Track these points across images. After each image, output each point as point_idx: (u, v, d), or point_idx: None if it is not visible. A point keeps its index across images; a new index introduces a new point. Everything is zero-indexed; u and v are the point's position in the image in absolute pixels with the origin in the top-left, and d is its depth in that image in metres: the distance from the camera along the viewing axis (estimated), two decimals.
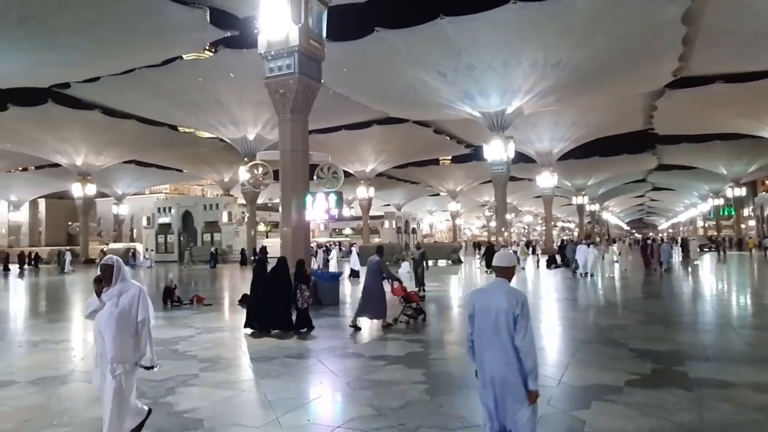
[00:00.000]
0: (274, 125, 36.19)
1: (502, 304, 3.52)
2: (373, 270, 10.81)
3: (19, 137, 40.18)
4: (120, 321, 4.26)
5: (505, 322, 3.50)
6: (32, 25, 21.31)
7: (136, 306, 4.34)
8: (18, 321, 13.64)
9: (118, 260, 4.47)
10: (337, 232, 71.30)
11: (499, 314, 3.51)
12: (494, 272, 3.81)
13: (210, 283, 23.86)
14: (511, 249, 35.30)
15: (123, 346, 4.25)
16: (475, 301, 3.72)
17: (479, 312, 3.64)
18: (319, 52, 14.98)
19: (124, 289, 4.38)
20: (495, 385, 3.55)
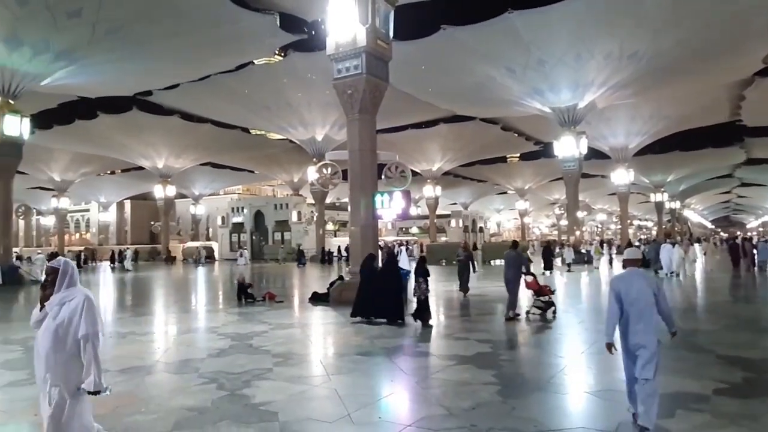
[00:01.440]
0: (341, 126, 36.82)
1: (642, 284, 4.84)
2: (511, 263, 11.32)
3: (107, 143, 43.16)
4: (57, 336, 3.53)
5: (647, 297, 4.78)
6: (119, 37, 22.76)
7: (78, 318, 3.56)
8: (106, 314, 14.61)
9: (67, 263, 3.75)
10: (403, 231, 71.49)
11: (640, 292, 4.79)
12: (626, 264, 5.13)
13: (280, 281, 24.56)
14: (584, 248, 34.04)
15: (60, 367, 3.53)
16: (619, 286, 4.90)
17: (624, 294, 4.83)
18: (386, 51, 15.06)
19: (66, 297, 3.64)
20: (635, 344, 4.81)
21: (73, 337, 3.58)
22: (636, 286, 4.82)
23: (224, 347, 8.83)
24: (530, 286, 11.48)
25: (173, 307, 15.68)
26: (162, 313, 14.41)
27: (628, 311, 4.81)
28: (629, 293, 4.81)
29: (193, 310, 14.90)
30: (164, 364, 7.90)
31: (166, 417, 5.34)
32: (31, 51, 22.27)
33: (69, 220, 70.32)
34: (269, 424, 5.13)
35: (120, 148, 44.74)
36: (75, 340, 3.58)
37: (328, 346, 9.52)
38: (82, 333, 3.56)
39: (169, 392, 6.31)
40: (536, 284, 11.54)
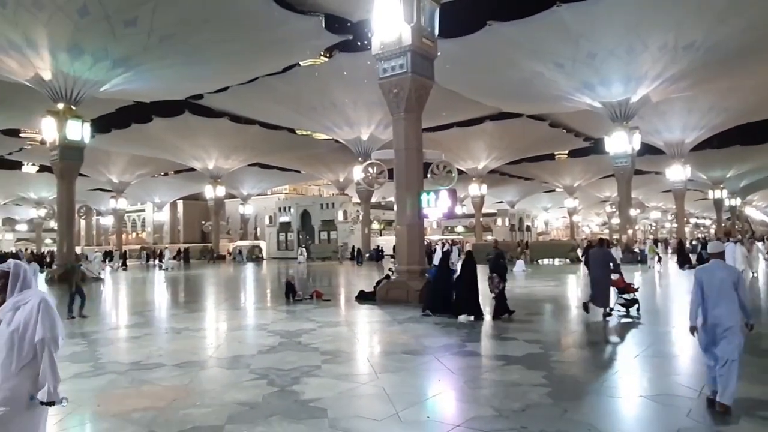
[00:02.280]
0: (387, 125, 36.93)
1: (724, 275, 5.33)
2: (599, 261, 11.36)
3: (161, 145, 44.85)
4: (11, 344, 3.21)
5: (727, 286, 5.23)
6: (172, 44, 23.58)
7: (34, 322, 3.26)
8: (162, 310, 15.16)
9: (18, 265, 3.43)
10: (449, 229, 71.06)
11: (722, 281, 5.26)
12: (710, 257, 5.65)
13: (327, 280, 24.86)
14: (638, 248, 32.93)
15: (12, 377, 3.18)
16: (702, 275, 5.43)
17: (707, 282, 5.32)
18: (432, 49, 15.00)
19: (21, 301, 3.32)
20: (717, 328, 5.21)
21: (29, 343, 3.25)
22: (718, 275, 5.32)
23: (274, 344, 9.01)
24: (616, 284, 11.55)
25: (224, 304, 16.11)
26: (213, 310, 14.83)
27: (709, 298, 5.27)
28: (711, 282, 5.29)
29: (242, 308, 15.26)
30: (217, 359, 8.12)
31: (219, 411, 5.50)
32: (91, 59, 23.36)
33: (126, 219, 73.40)
34: (319, 420, 5.20)
35: (173, 150, 46.39)
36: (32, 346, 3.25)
37: (375, 345, 9.57)
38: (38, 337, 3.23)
39: (222, 387, 6.49)
40: (622, 282, 11.60)
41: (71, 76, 23.95)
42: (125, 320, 13.09)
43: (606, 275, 11.17)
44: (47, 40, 21.82)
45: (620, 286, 11.53)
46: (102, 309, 16.08)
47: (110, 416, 5.44)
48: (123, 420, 5.30)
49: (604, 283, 11.14)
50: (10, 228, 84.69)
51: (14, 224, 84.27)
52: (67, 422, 5.39)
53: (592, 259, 11.72)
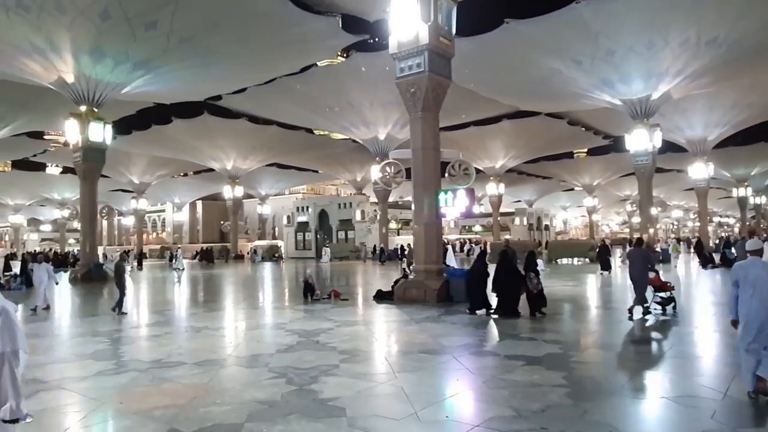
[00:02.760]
0: (404, 124, 36.89)
1: (759, 270, 5.48)
2: (639, 260, 11.38)
3: (180, 146, 45.39)
4: None
5: (762, 283, 5.36)
6: (191, 46, 23.83)
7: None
8: (181, 309, 15.34)
9: None
10: (466, 229, 70.78)
11: (756, 278, 5.41)
12: (750, 254, 5.77)
13: (345, 279, 24.91)
14: (660, 247, 32.43)
15: None
16: (739, 272, 5.65)
17: (742, 278, 5.53)
18: (449, 48, 14.95)
19: None
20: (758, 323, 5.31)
21: None
22: (754, 271, 5.49)
23: (292, 343, 9.06)
24: (652, 282, 11.58)
25: (242, 303, 16.25)
26: (232, 310, 14.96)
27: (745, 293, 5.46)
28: (747, 277, 5.49)
29: (261, 307, 15.36)
30: (236, 358, 8.19)
31: (239, 409, 5.54)
32: (112, 62, 23.72)
33: (146, 220, 74.41)
34: (337, 419, 5.21)
35: (192, 151, 46.90)
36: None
37: (392, 344, 9.57)
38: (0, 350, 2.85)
39: (242, 385, 6.54)
40: (658, 280, 11.69)
41: (93, 79, 24.34)
42: (146, 319, 13.27)
43: (645, 275, 11.25)
44: (70, 43, 22.20)
45: (657, 284, 11.62)
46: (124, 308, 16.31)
47: (132, 413, 5.52)
48: (144, 417, 5.37)
49: (642, 282, 11.22)
50: (35, 228, 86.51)
51: (39, 224, 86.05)
52: (90, 419, 5.49)
53: (632, 258, 11.79)
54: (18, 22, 20.68)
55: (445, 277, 14.44)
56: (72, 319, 14.01)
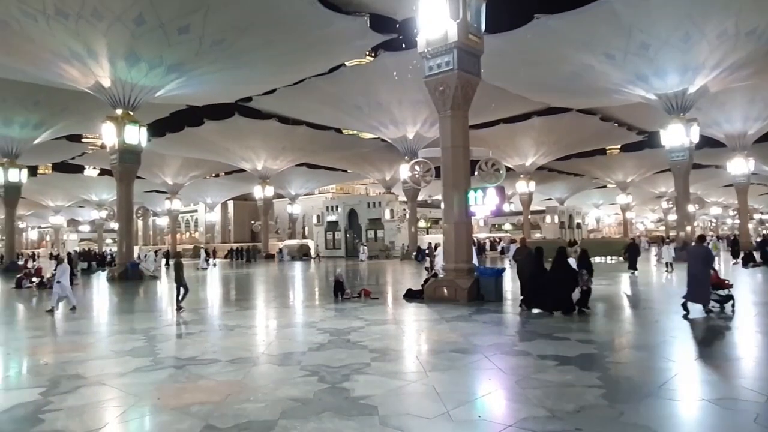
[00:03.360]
0: (432, 123, 36.78)
1: None
2: (700, 258, 11.28)
3: (212, 147, 46.23)
4: None
5: None
6: (222, 49, 24.24)
7: None
8: (214, 308, 15.61)
9: None
10: (496, 227, 70.13)
11: None
12: None
13: (375, 278, 24.96)
14: None
15: None
16: None
17: None
18: (478, 46, 14.83)
19: None
20: None
21: None
22: None
23: (323, 342, 9.13)
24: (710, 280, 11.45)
25: (274, 302, 16.43)
26: (264, 308, 15.16)
27: None
28: None
29: (292, 306, 15.52)
30: (268, 356, 8.30)
31: (272, 406, 5.62)
32: (147, 66, 24.30)
33: (180, 220, 75.99)
34: (369, 417, 5.23)
35: (223, 152, 47.71)
36: None
37: (423, 343, 9.55)
38: None
39: (275, 383, 6.62)
40: (716, 277, 11.62)
41: (129, 83, 24.98)
42: (179, 317, 13.54)
43: (706, 272, 11.11)
44: (106, 49, 22.83)
45: (715, 281, 11.50)
46: (159, 305, 16.72)
47: (169, 409, 5.65)
48: (181, 413, 5.49)
49: (704, 279, 11.06)
50: (74, 229, 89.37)
51: (78, 225, 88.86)
52: (129, 414, 5.64)
53: (692, 255, 11.62)
54: (57, 29, 21.36)
55: (475, 276, 14.34)
56: (110, 316, 14.40)
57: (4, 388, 7.16)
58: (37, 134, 35.03)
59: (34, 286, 21.95)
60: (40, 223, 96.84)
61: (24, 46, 22.42)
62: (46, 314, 13.74)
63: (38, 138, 35.51)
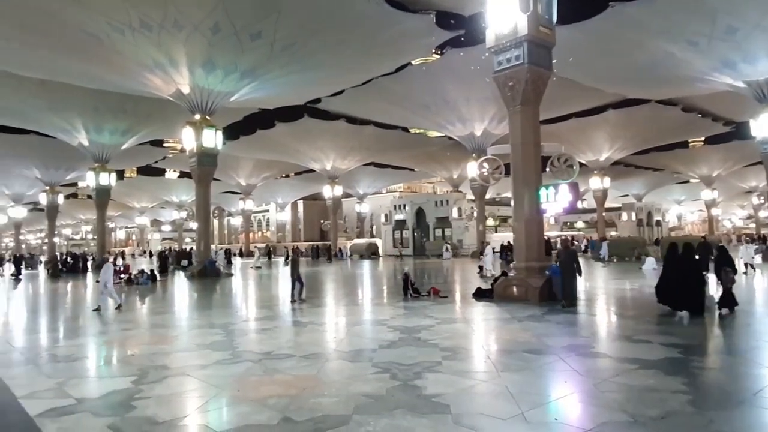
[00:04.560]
0: (500, 120, 36.09)
1: None
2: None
3: (283, 149, 47.67)
4: None
5: None
6: (292, 52, 24.90)
7: None
8: (286, 305, 16.05)
9: None
10: (568, 225, 67.86)
11: None
12: None
13: (443, 276, 24.83)
14: None
15: None
16: None
17: None
18: (549, 38, 14.40)
19: None
20: None
21: None
22: None
23: (394, 339, 9.19)
24: None
25: (344, 300, 16.71)
26: (334, 306, 15.45)
27: None
28: None
29: (361, 303, 15.71)
30: (340, 352, 8.45)
31: (346, 401, 5.72)
32: (222, 72, 25.38)
33: (252, 219, 78.86)
34: (442, 416, 5.22)
35: (294, 153, 49.07)
36: None
37: (495, 343, 9.39)
38: None
39: (347, 378, 6.74)
40: None
41: (206, 89, 26.19)
42: (255, 313, 14.05)
43: None
44: (185, 57, 24.05)
45: None
46: (234, 302, 17.44)
47: (248, 401, 5.88)
48: (260, 405, 5.70)
49: None
50: (156, 228, 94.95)
51: (160, 225, 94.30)
52: (212, 404, 5.92)
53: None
54: (142, 41, 22.73)
55: (547, 275, 13.95)
56: (190, 311, 15.17)
57: (99, 376, 7.73)
58: (124, 140, 37.48)
59: (123, 282, 23.48)
60: (126, 223, 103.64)
61: (113, 58, 24.00)
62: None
63: (126, 144, 37.97)
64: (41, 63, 25.69)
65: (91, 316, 13.64)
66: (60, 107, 32.61)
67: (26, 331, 12.01)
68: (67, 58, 24.96)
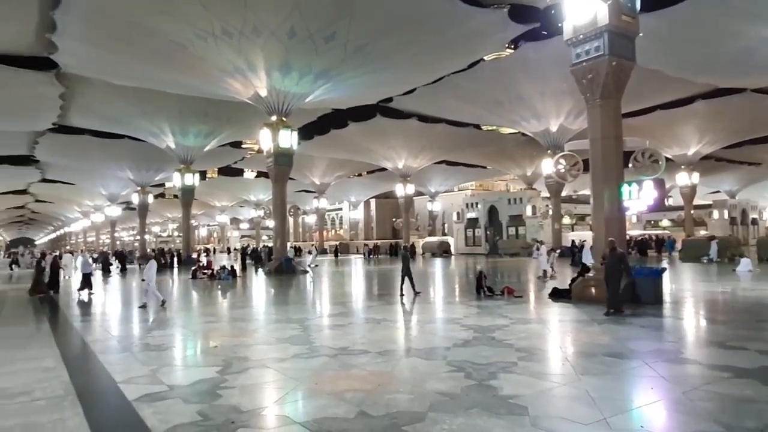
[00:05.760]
0: (577, 114, 34.80)
1: None
2: None
3: (356, 148, 48.39)
4: None
5: None
6: (366, 52, 25.21)
7: None
8: (359, 302, 16.32)
9: None
10: (651, 224, 64.35)
11: None
12: None
13: (516, 276, 24.30)
14: None
15: None
16: None
17: None
18: (632, 27, 13.71)
19: None
20: None
21: None
22: None
23: (468, 338, 9.10)
24: None
25: (416, 298, 16.69)
26: (407, 303, 15.50)
27: None
28: None
29: (433, 301, 15.67)
30: (414, 349, 8.49)
31: (421, 399, 5.73)
32: (298, 75, 26.14)
33: (326, 218, 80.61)
34: (519, 417, 5.12)
35: (366, 152, 49.68)
36: None
37: (573, 345, 9.08)
38: None
39: (421, 376, 6.75)
40: None
41: (282, 92, 27.08)
42: (329, 310, 14.36)
43: None
44: (263, 62, 24.97)
45: None
46: (309, 299, 17.92)
47: (326, 394, 6.03)
48: (337, 398, 5.84)
49: None
50: (236, 227, 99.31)
51: (239, 223, 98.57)
52: (291, 396, 6.13)
53: None
54: (223, 48, 23.82)
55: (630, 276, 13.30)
56: (268, 307, 15.75)
57: (187, 365, 8.20)
58: (207, 142, 39.51)
59: (206, 278, 24.76)
60: (208, 221, 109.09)
61: (197, 64, 25.34)
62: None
63: (208, 146, 40.02)
64: (133, 72, 27.58)
65: (179, 309, 14.47)
66: (150, 113, 34.91)
67: (122, 321, 12.95)
68: (156, 66, 26.63)
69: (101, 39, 23.41)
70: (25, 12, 20.82)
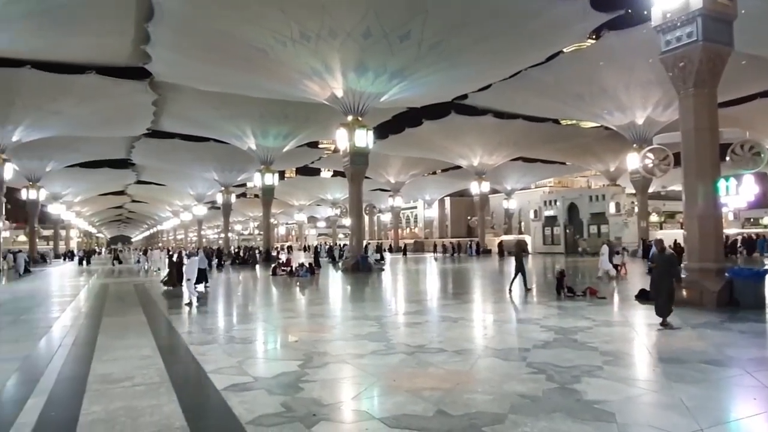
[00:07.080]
0: (666, 106, 32.83)
1: None
2: None
3: (430, 146, 48.27)
4: None
5: None
6: (440, 50, 25.05)
7: None
8: (434, 300, 16.24)
9: None
10: (751, 222, 59.52)
11: None
12: None
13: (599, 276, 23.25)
14: None
15: None
16: None
17: None
18: (729, 9, 12.73)
19: None
20: None
21: None
22: None
23: (548, 339, 8.83)
24: None
25: (493, 296, 16.42)
26: (483, 302, 15.28)
27: None
28: None
29: (511, 301, 15.32)
30: (493, 349, 8.33)
31: (501, 400, 5.62)
32: (373, 75, 26.42)
33: (401, 216, 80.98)
34: (606, 424, 4.90)
35: (441, 150, 49.41)
36: None
37: (663, 350, 8.55)
38: None
39: (501, 376, 6.62)
40: None
41: (358, 92, 27.48)
42: (405, 307, 14.40)
43: None
44: (339, 63, 25.45)
45: None
46: (385, 296, 18.06)
47: (404, 391, 6.06)
48: (415, 396, 5.84)
49: None
50: (313, 225, 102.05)
51: (316, 222, 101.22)
52: (370, 391, 6.20)
53: None
54: (301, 51, 24.51)
55: (727, 278, 12.39)
56: (345, 303, 16.04)
57: (270, 358, 8.52)
58: (286, 143, 40.88)
59: (286, 274, 25.59)
60: (287, 220, 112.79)
61: (277, 68, 26.27)
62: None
63: (287, 146, 41.39)
64: (218, 78, 29.02)
65: (261, 305, 15.04)
66: (234, 116, 36.64)
67: (210, 315, 13.66)
68: (239, 72, 27.85)
69: (190, 48, 24.83)
70: (123, 26, 22.46)
